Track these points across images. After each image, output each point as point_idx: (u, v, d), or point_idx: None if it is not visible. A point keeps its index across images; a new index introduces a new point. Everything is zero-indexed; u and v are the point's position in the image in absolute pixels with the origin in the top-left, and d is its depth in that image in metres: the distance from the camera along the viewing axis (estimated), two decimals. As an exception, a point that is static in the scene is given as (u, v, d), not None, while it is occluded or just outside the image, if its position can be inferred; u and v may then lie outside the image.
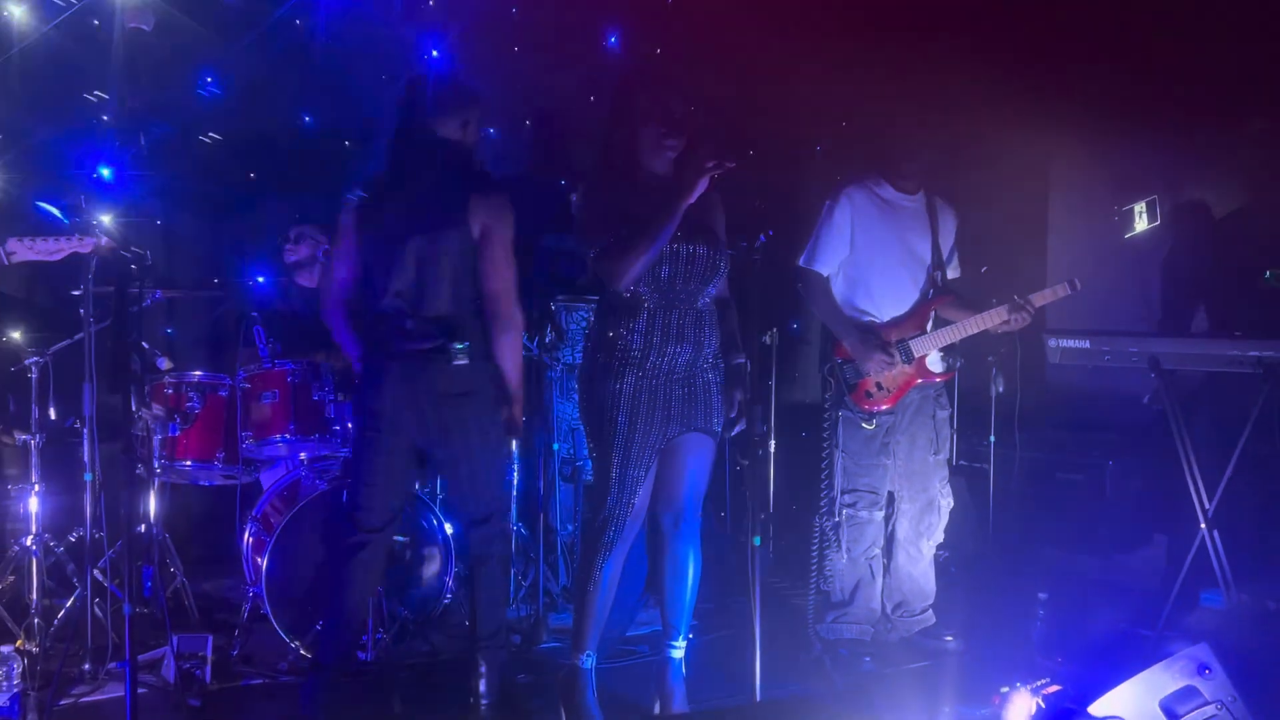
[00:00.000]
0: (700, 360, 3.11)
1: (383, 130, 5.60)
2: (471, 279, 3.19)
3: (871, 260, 3.93)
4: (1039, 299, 3.88)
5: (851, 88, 5.50)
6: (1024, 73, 5.10)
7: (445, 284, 3.15)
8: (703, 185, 2.89)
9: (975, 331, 3.94)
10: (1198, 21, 4.69)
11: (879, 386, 3.88)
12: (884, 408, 3.90)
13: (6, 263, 3.23)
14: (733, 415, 3.18)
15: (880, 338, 3.87)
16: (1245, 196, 4.84)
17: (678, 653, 3.23)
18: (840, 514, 3.94)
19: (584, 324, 4.55)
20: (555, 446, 4.43)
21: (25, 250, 3.26)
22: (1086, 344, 3.94)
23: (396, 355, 3.16)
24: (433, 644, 3.91)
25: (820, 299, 3.97)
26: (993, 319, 3.91)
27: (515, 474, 4.38)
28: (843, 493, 3.95)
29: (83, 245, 3.39)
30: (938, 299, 3.98)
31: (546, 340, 4.28)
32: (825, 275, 3.95)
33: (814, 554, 4.02)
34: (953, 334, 3.94)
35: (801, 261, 3.98)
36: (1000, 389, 4.97)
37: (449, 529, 3.97)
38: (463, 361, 3.13)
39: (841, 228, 3.93)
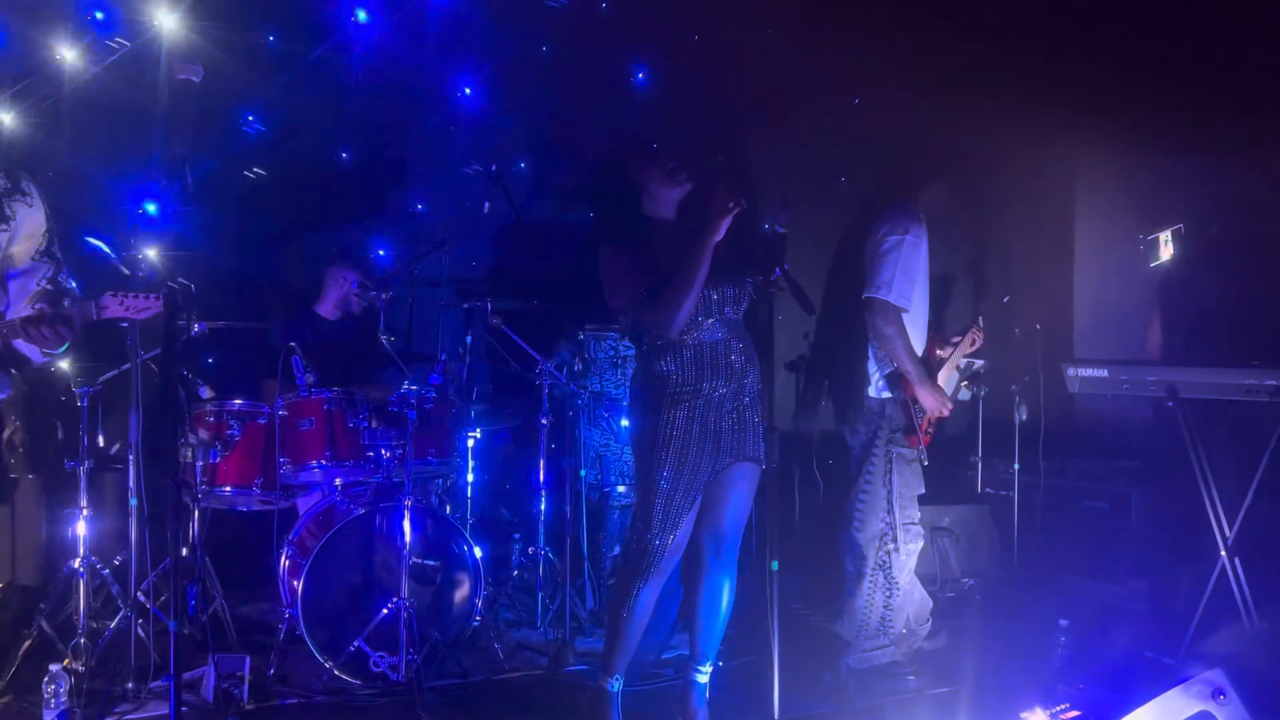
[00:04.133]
0: (744, 392, 3.17)
1: (416, 167, 5.80)
2: None
3: (920, 295, 3.84)
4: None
5: (877, 124, 5.61)
6: (1050, 99, 5.16)
7: None
8: (726, 223, 2.96)
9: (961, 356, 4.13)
10: (1225, 53, 4.74)
11: (929, 423, 3.87)
12: (927, 443, 3.89)
13: (96, 317, 3.18)
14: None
15: (932, 376, 3.89)
16: (1270, 226, 4.87)
17: (703, 677, 3.29)
18: (893, 546, 3.85)
19: (611, 353, 4.65)
20: (582, 473, 4.53)
21: (116, 306, 3.20)
22: (1105, 373, 3.98)
23: None
24: (463, 665, 4.00)
25: (901, 336, 3.72)
26: (966, 344, 4.12)
27: (543, 500, 4.49)
28: (899, 526, 3.86)
29: None
30: (935, 333, 4.05)
31: (575, 369, 4.40)
32: (904, 310, 3.72)
33: (857, 586, 3.93)
34: (951, 363, 4.08)
35: (880, 295, 3.71)
36: (1024, 417, 5.03)
37: (478, 553, 4.07)
38: None
39: (921, 259, 3.79)
